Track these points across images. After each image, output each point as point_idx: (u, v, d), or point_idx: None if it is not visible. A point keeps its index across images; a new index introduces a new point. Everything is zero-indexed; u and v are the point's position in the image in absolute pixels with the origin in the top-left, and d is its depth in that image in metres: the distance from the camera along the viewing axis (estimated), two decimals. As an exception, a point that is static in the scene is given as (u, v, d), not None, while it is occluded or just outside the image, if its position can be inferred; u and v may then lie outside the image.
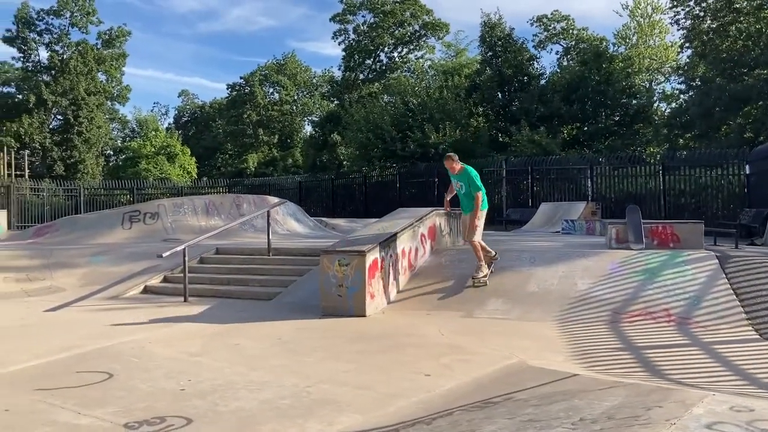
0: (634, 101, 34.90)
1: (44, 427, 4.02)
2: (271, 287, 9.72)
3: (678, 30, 31.80)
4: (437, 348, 6.18)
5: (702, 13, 29.64)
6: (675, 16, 30.83)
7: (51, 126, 47.63)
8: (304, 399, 4.53)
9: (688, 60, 33.08)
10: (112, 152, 57.19)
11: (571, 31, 41.07)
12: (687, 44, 31.24)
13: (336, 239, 13.49)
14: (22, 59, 47.79)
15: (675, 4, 30.27)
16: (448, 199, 9.74)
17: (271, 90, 57.11)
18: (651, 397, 3.66)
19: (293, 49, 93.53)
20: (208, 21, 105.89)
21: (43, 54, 47.44)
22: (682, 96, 34.17)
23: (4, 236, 21.16)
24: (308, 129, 59.40)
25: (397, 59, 49.12)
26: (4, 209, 24.45)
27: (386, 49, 48.25)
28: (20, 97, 47.48)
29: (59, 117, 47.95)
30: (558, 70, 38.92)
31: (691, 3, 29.61)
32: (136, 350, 6.24)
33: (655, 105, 38.47)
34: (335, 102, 50.69)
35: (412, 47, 48.81)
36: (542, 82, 36.19)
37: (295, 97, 57.83)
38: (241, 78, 56.48)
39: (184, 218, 14.81)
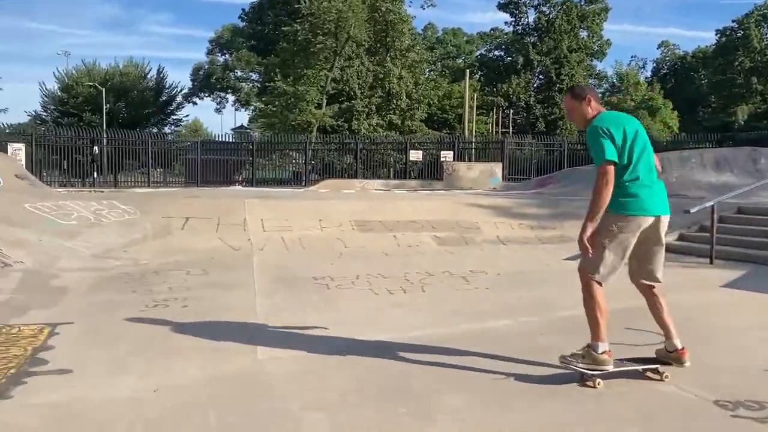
0: None
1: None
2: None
3: None
4: None
5: None
6: None
7: (535, 85, 50.67)
8: None
9: None
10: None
11: None
12: None
13: None
14: (513, 23, 51.91)
15: None
16: None
17: (769, 32, 49.52)
18: None
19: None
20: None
21: (531, 16, 50.53)
22: None
23: (500, 186, 23.20)
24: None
25: None
26: (499, 162, 26.86)
27: None
28: (509, 59, 51.64)
29: (541, 76, 50.66)
30: None
31: None
32: (693, 314, 5.53)
33: None
34: None
35: None
36: None
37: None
38: (732, 21, 50.37)
39: (690, 173, 13.44)
